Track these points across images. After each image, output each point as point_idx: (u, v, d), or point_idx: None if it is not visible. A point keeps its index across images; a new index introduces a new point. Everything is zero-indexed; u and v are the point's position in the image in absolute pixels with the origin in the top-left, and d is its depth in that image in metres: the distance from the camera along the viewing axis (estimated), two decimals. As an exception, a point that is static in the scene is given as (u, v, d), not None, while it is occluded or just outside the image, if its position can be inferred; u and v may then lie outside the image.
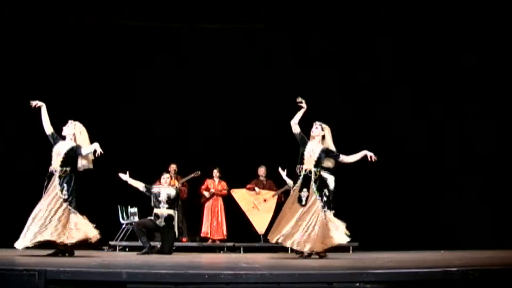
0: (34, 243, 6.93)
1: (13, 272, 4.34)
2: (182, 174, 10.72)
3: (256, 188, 10.92)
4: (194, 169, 10.49)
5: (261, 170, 11.04)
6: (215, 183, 10.96)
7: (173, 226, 9.31)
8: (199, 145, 11.83)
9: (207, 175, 10.93)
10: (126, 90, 11.88)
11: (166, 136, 11.80)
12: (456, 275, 4.46)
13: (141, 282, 4.28)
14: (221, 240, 10.77)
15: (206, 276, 4.33)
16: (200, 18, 11.64)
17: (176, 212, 9.42)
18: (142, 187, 9.01)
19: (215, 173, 10.95)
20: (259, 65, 11.97)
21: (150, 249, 8.63)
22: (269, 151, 11.22)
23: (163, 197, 8.96)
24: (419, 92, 11.69)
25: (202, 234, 10.84)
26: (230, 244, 10.61)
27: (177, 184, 10.05)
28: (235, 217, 10.92)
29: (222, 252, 10.55)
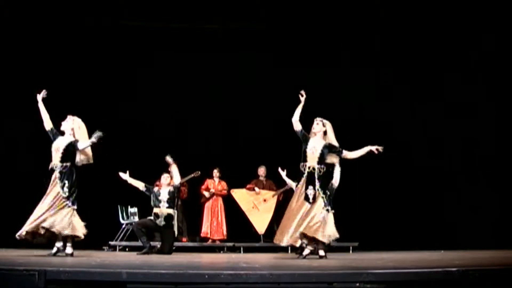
0: (30, 228, 6.89)
1: (13, 272, 4.34)
2: (182, 174, 10.67)
3: (256, 188, 10.92)
4: (194, 169, 10.48)
5: (261, 170, 11.04)
6: (215, 183, 10.97)
7: (173, 225, 9.32)
8: (199, 145, 11.84)
9: (207, 175, 10.93)
10: (126, 90, 11.89)
11: (166, 136, 11.80)
12: (456, 275, 4.46)
13: (141, 282, 4.28)
14: (221, 240, 10.77)
15: (206, 276, 4.33)
16: (200, 18, 11.64)
17: (176, 211, 9.42)
18: (142, 187, 9.04)
19: (215, 173, 10.96)
20: (259, 65, 11.97)
21: (150, 249, 8.64)
22: (269, 151, 11.23)
23: (163, 196, 8.97)
24: (419, 92, 11.70)
25: (202, 234, 10.84)
26: (230, 244, 10.61)
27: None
28: (235, 217, 10.92)
29: (222, 252, 10.55)
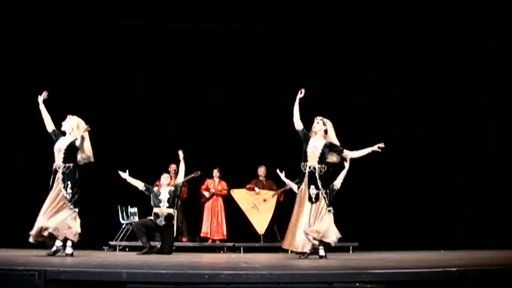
0: (36, 230, 6.89)
1: (13, 272, 4.34)
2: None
3: (255, 188, 10.92)
4: (194, 169, 10.48)
5: (261, 170, 11.04)
6: (215, 183, 10.97)
7: (173, 225, 9.32)
8: (199, 145, 11.83)
9: (207, 175, 10.93)
10: (126, 90, 11.89)
11: (166, 136, 11.80)
12: (456, 275, 4.46)
13: (141, 282, 4.28)
14: (221, 240, 10.76)
15: (206, 276, 4.33)
16: (200, 18, 11.64)
17: (176, 211, 9.42)
18: (141, 186, 9.04)
19: (215, 173, 10.96)
20: (259, 65, 11.97)
21: (150, 249, 8.63)
22: (269, 151, 11.23)
23: (164, 196, 8.97)
24: (419, 92, 11.69)
25: (202, 234, 10.84)
26: (230, 244, 10.61)
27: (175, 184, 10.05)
28: (235, 217, 10.91)
29: (222, 252, 10.55)
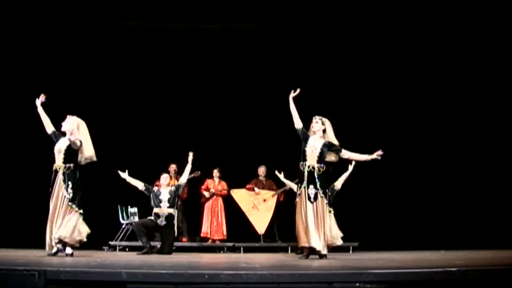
0: (50, 242, 6.90)
1: (13, 272, 4.33)
2: (182, 174, 10.69)
3: (255, 189, 10.91)
4: (194, 169, 10.47)
5: (261, 170, 11.03)
6: (215, 183, 10.97)
7: (173, 225, 9.32)
8: (199, 145, 11.81)
9: (207, 175, 10.92)
10: (126, 90, 11.89)
11: (166, 136, 11.80)
12: (456, 275, 4.46)
13: (141, 282, 4.28)
14: (221, 240, 10.76)
15: (206, 276, 4.33)
16: (200, 18, 11.64)
17: (176, 211, 9.42)
18: (141, 186, 9.03)
19: (215, 173, 10.96)
20: (259, 65, 11.97)
21: (150, 249, 8.63)
22: (269, 151, 11.22)
23: (164, 196, 8.96)
24: (419, 92, 11.68)
25: (202, 234, 10.84)
26: (230, 244, 10.61)
27: (176, 183, 10.04)
28: (235, 217, 10.91)
29: (222, 252, 10.55)
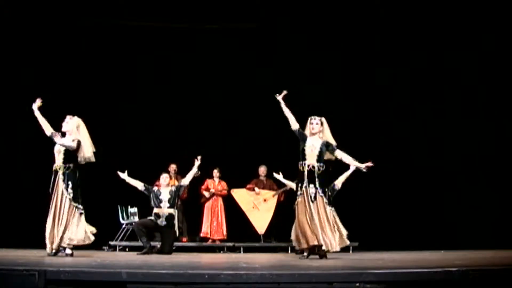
0: (53, 244, 6.94)
1: (13, 272, 4.33)
2: (182, 174, 10.70)
3: (255, 189, 10.91)
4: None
5: (262, 170, 11.03)
6: (215, 183, 10.96)
7: (174, 225, 9.31)
8: (199, 145, 11.82)
9: (207, 175, 10.92)
10: (126, 90, 11.88)
11: (166, 136, 11.80)
12: (456, 275, 4.45)
13: (141, 282, 4.28)
14: (221, 240, 10.76)
15: (206, 276, 4.33)
16: (200, 18, 11.64)
17: (176, 211, 9.42)
18: (141, 186, 9.01)
19: (215, 173, 10.96)
20: (259, 65, 11.96)
21: (150, 249, 8.62)
22: (269, 151, 11.22)
23: (165, 196, 8.96)
24: (419, 92, 11.68)
25: (202, 234, 10.84)
26: (230, 244, 10.61)
27: (177, 184, 10.04)
28: (235, 217, 10.91)
29: (222, 252, 10.54)
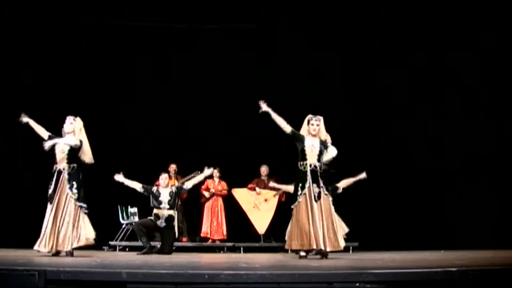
0: (53, 252, 7.00)
1: (13, 272, 4.34)
2: (182, 174, 10.71)
3: (256, 188, 10.90)
4: (194, 169, 10.47)
5: (263, 170, 11.02)
6: (215, 183, 10.96)
7: (174, 226, 9.31)
8: (199, 145, 11.83)
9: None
10: (126, 90, 11.88)
11: (166, 136, 11.80)
12: (456, 275, 4.46)
13: (141, 282, 4.28)
14: (221, 240, 10.76)
15: (206, 276, 4.33)
16: (200, 18, 11.64)
17: (176, 212, 9.41)
18: (139, 188, 8.92)
19: (215, 173, 10.92)
20: (259, 65, 11.97)
21: (150, 249, 8.62)
22: (269, 151, 11.21)
23: (164, 197, 8.94)
24: (419, 92, 11.68)
25: (202, 234, 10.84)
26: (230, 244, 10.61)
27: (176, 184, 10.04)
28: (235, 217, 10.91)
29: (222, 252, 10.55)
